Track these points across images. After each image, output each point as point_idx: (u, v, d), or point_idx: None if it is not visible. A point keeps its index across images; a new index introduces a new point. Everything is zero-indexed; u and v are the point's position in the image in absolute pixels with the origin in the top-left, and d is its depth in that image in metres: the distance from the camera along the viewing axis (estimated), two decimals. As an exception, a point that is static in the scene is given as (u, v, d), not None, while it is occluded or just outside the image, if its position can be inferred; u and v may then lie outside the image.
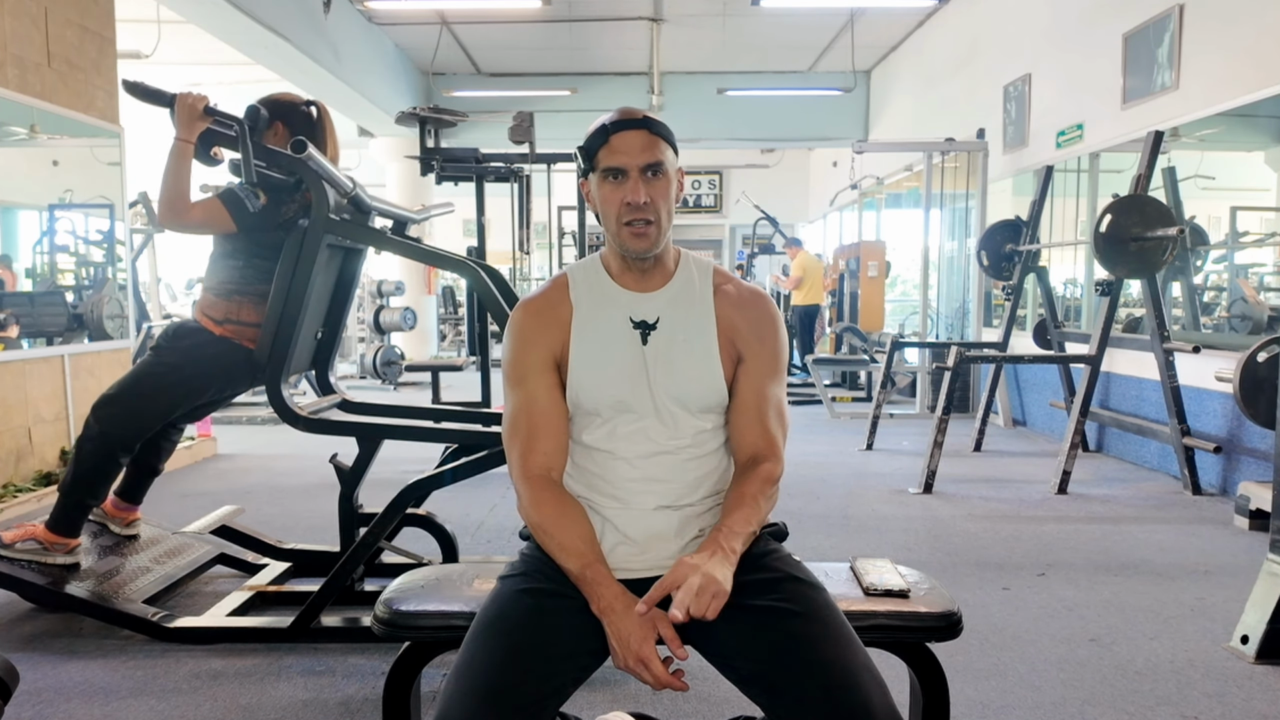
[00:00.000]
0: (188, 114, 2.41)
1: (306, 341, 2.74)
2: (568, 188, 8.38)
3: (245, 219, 2.52)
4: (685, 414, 1.44)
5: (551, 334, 1.46)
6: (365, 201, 2.67)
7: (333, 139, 2.70)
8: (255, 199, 2.52)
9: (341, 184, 2.53)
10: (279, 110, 2.64)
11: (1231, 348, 4.32)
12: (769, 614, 1.30)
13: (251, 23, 6.33)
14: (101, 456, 2.59)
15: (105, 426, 2.57)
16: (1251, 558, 3.34)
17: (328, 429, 2.62)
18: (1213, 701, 2.26)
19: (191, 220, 2.48)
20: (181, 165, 2.43)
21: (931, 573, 1.75)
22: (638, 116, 1.41)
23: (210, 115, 2.43)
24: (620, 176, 1.39)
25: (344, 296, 2.92)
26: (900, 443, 6.05)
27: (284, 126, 2.61)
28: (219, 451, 5.74)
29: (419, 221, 3.03)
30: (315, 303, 2.70)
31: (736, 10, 8.79)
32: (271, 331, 2.50)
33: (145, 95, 2.45)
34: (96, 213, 5.18)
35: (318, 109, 2.70)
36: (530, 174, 5.78)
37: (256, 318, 2.56)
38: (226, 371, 2.61)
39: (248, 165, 2.40)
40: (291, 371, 2.63)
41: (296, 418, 2.55)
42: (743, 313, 1.48)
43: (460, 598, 1.51)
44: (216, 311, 2.58)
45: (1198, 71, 4.72)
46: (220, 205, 2.50)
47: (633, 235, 1.41)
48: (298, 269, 2.48)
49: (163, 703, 2.24)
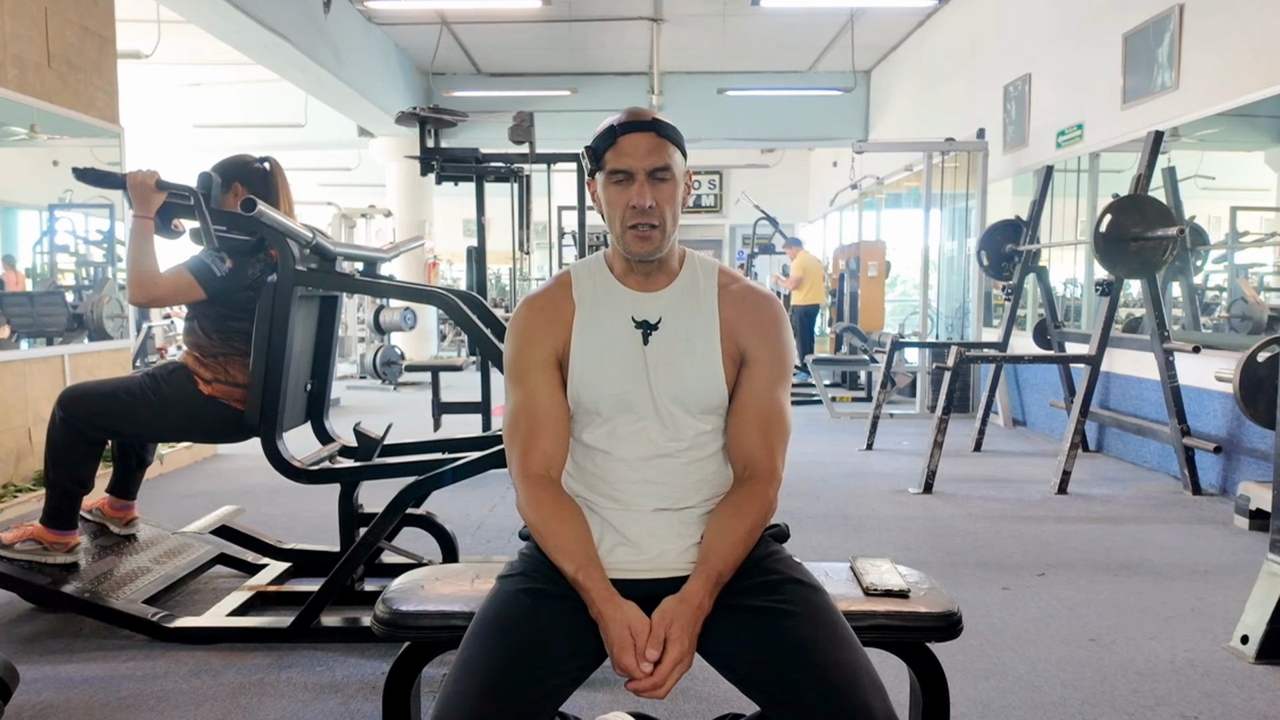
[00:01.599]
0: (141, 191, 2.43)
1: (297, 395, 2.77)
2: (568, 188, 8.38)
3: (213, 284, 2.54)
4: (685, 415, 1.43)
5: (554, 332, 1.46)
6: (328, 249, 2.69)
7: (286, 192, 2.72)
8: (221, 263, 2.55)
9: (300, 235, 2.56)
10: (233, 172, 2.65)
11: (1231, 348, 4.32)
12: (768, 615, 1.30)
13: (251, 23, 6.33)
14: (71, 439, 2.59)
15: (69, 418, 2.57)
16: (1251, 558, 3.34)
17: (331, 478, 2.68)
18: (1213, 701, 2.26)
19: (161, 294, 2.52)
20: (144, 242, 2.46)
21: (931, 573, 1.75)
22: (646, 119, 1.40)
23: (164, 189, 2.45)
24: (626, 179, 1.39)
25: (327, 344, 2.95)
26: (900, 443, 6.05)
27: (241, 186, 2.62)
28: (219, 451, 5.74)
29: (388, 259, 3.05)
30: (299, 355, 2.74)
31: (736, 10, 8.79)
32: (259, 390, 2.53)
33: (96, 180, 2.51)
34: (96, 213, 5.19)
35: (271, 164, 2.72)
36: (530, 174, 5.78)
37: (243, 377, 2.59)
38: (211, 430, 2.65)
39: (207, 232, 2.42)
40: (285, 426, 2.64)
41: (297, 472, 2.59)
42: (747, 314, 1.47)
43: (460, 598, 1.51)
44: (205, 371, 2.60)
45: (1198, 71, 4.72)
46: (188, 275, 2.51)
47: (637, 239, 1.40)
48: (274, 324, 2.51)
49: (163, 703, 2.24)
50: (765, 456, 1.42)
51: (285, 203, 2.69)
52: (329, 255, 2.71)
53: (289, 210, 2.68)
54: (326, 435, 2.99)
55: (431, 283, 11.69)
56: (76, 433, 2.58)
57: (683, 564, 1.40)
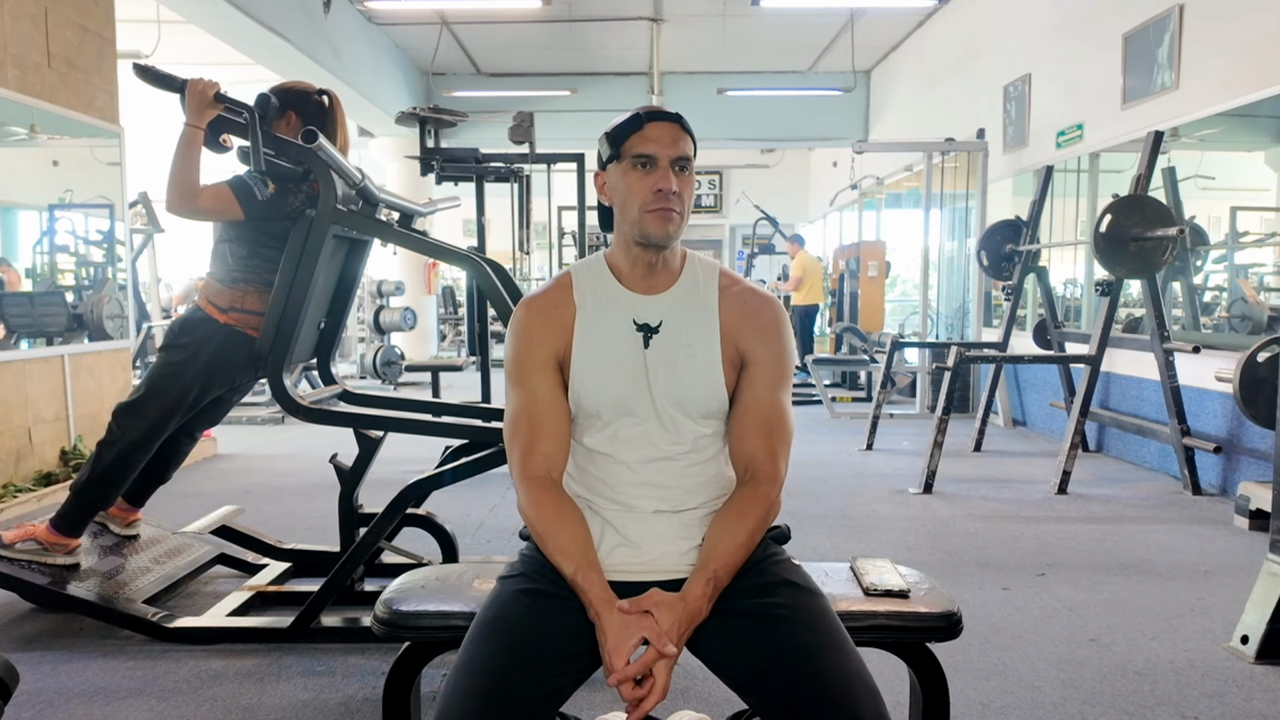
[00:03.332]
0: (198, 100, 2.40)
1: (309, 332, 2.74)
2: (568, 188, 8.37)
3: (253, 207, 2.51)
4: (685, 419, 1.43)
5: (554, 333, 1.45)
6: (373, 194, 2.65)
7: (343, 129, 2.69)
8: (264, 187, 2.51)
9: (350, 175, 2.52)
10: (290, 99, 2.63)
11: (1231, 348, 4.32)
12: (764, 620, 1.30)
13: (251, 23, 6.33)
14: (119, 462, 2.59)
15: (126, 433, 2.58)
16: (1251, 558, 3.34)
17: (328, 419, 2.60)
18: (1213, 701, 2.26)
19: (200, 206, 2.47)
20: (190, 151, 2.42)
21: (931, 573, 1.75)
22: (671, 112, 1.43)
23: (221, 102, 2.42)
24: (650, 165, 1.40)
25: (348, 289, 2.92)
26: (900, 443, 6.05)
27: (296, 115, 2.60)
28: (219, 451, 5.74)
29: (425, 215, 3.03)
30: (319, 294, 2.70)
31: (736, 10, 8.79)
32: (275, 321, 2.49)
33: (156, 80, 2.44)
34: (96, 213, 5.19)
35: (329, 98, 2.69)
36: (530, 174, 5.78)
37: (261, 306, 2.55)
38: (232, 360, 2.60)
39: (256, 154, 2.39)
40: (294, 362, 2.63)
41: (298, 407, 2.54)
42: (748, 317, 1.46)
43: (460, 598, 1.51)
44: (221, 299, 2.58)
45: (1198, 71, 4.72)
46: (229, 192, 2.49)
47: (656, 219, 1.39)
48: (303, 259, 2.46)
49: (163, 703, 2.24)
50: (767, 459, 1.42)
51: (341, 139, 2.65)
52: (373, 200, 2.67)
53: (344, 147, 2.64)
54: (330, 377, 2.97)
55: (431, 282, 11.70)
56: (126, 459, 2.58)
57: (682, 566, 1.39)
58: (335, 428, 2.65)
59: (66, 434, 4.73)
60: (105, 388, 5.05)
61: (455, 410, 3.00)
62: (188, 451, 2.96)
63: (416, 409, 2.99)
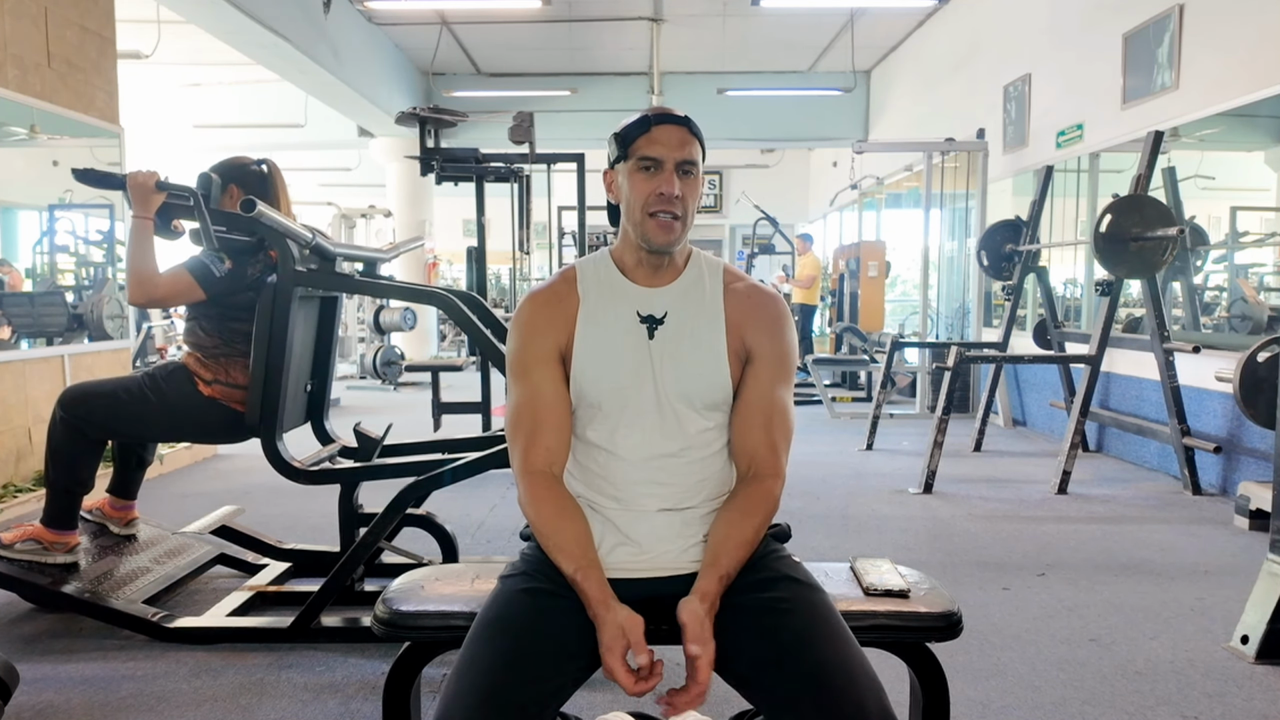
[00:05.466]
0: (141, 191, 2.43)
1: (296, 396, 2.77)
2: (568, 188, 8.37)
3: (212, 285, 2.54)
4: (689, 411, 1.43)
5: (557, 326, 1.45)
6: (328, 249, 2.69)
7: (284, 194, 2.73)
8: (220, 264, 2.55)
9: (300, 235, 2.56)
10: (231, 174, 2.66)
11: (1231, 348, 4.32)
12: (766, 615, 1.30)
13: (251, 23, 6.33)
14: (71, 439, 2.59)
15: (70, 418, 2.58)
16: (1251, 558, 3.34)
17: (331, 479, 2.68)
18: (1213, 701, 2.26)
19: (160, 295, 2.52)
20: (144, 243, 2.46)
21: (931, 573, 1.75)
22: (680, 114, 1.44)
23: (163, 190, 2.45)
24: (655, 167, 1.40)
25: (327, 348, 2.95)
26: (900, 443, 6.05)
27: (238, 189, 2.63)
28: (219, 451, 5.74)
29: (388, 259, 3.06)
30: (299, 355, 2.74)
31: (736, 10, 8.79)
32: (259, 391, 2.53)
33: (96, 181, 2.52)
34: (96, 213, 5.18)
35: (268, 166, 2.73)
36: (530, 174, 5.78)
37: (244, 379, 2.59)
38: (211, 431, 2.66)
39: (207, 232, 2.42)
40: (285, 427, 2.65)
41: (297, 472, 2.59)
42: (752, 312, 1.47)
43: (460, 598, 1.51)
44: (205, 372, 2.60)
45: (1198, 71, 4.72)
46: (187, 275, 2.52)
47: (658, 227, 1.40)
48: (274, 325, 2.50)
49: (163, 703, 2.24)
50: (769, 454, 1.42)
51: (284, 204, 2.70)
52: (329, 255, 2.71)
53: (288, 211, 2.68)
54: (326, 436, 2.99)
55: (432, 283, 11.69)
56: (77, 432, 2.59)
57: (683, 563, 1.40)
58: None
59: (66, 434, 4.73)
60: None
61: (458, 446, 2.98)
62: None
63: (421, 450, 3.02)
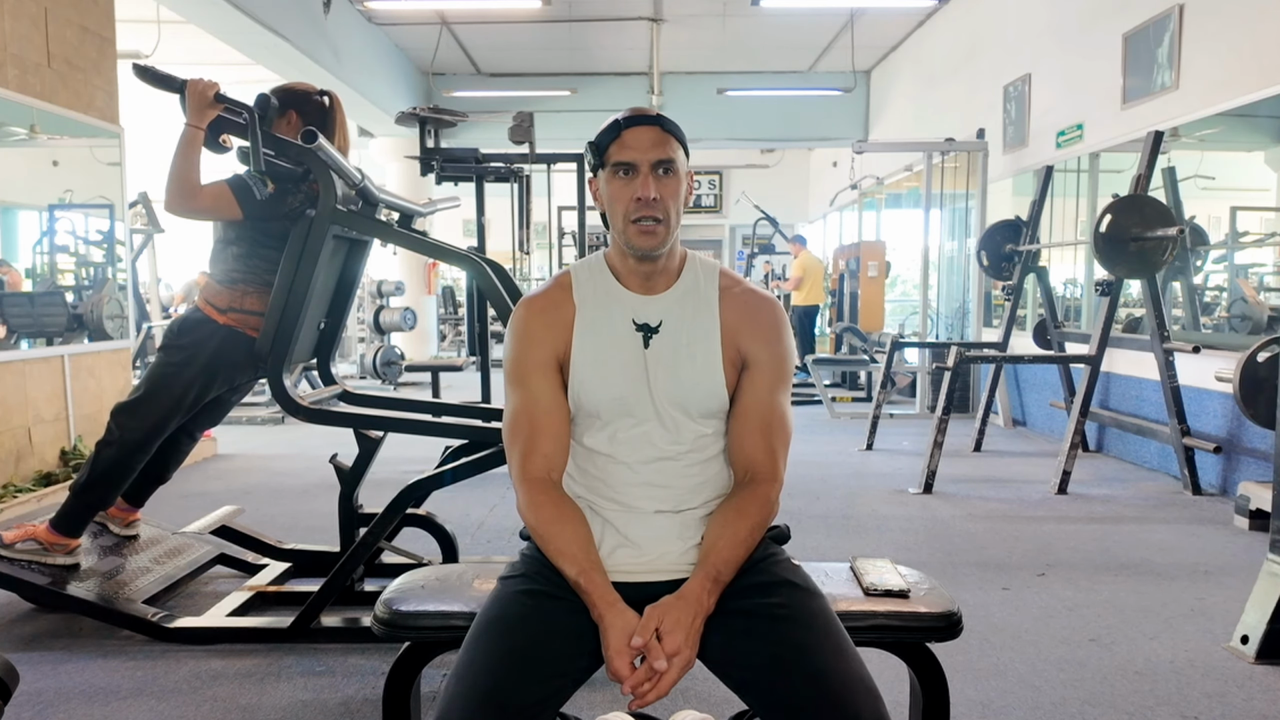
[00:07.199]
0: (198, 100, 2.40)
1: (309, 332, 2.73)
2: (568, 188, 8.39)
3: (252, 207, 2.50)
4: (686, 419, 1.43)
5: (554, 333, 1.45)
6: (373, 194, 2.65)
7: (343, 130, 2.69)
8: (263, 187, 2.51)
9: (350, 175, 2.52)
10: (291, 99, 2.63)
11: (1231, 348, 4.32)
12: (763, 620, 1.30)
13: (251, 23, 6.33)
14: (119, 462, 2.59)
15: (125, 433, 2.57)
16: (1251, 558, 3.34)
17: (328, 419, 2.59)
18: (1213, 701, 2.26)
19: (198, 205, 2.47)
20: (190, 151, 2.42)
21: (931, 573, 1.75)
22: (651, 114, 1.41)
23: (220, 102, 2.42)
24: (630, 172, 1.38)
25: (347, 289, 2.92)
26: (900, 443, 6.05)
27: (297, 115, 2.60)
28: (219, 451, 5.74)
29: (425, 215, 3.03)
30: (319, 294, 2.69)
31: (736, 10, 8.79)
32: (274, 322, 2.48)
33: (156, 80, 2.43)
34: (96, 213, 5.19)
35: (330, 99, 2.69)
36: (530, 174, 5.78)
37: (260, 306, 2.55)
38: (230, 360, 2.60)
39: (256, 153, 2.38)
40: (294, 362, 2.62)
41: (298, 407, 2.53)
42: (748, 318, 1.46)
43: (460, 598, 1.51)
44: (220, 300, 2.57)
45: (1198, 71, 4.72)
46: (228, 191, 2.48)
47: (640, 232, 1.38)
48: (303, 260, 2.46)
49: (163, 703, 2.24)
50: (767, 460, 1.42)
51: (341, 140, 2.65)
52: (373, 200, 2.67)
53: (344, 148, 2.63)
54: (330, 377, 2.97)
55: (431, 282, 11.70)
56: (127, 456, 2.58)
57: (683, 565, 1.39)
58: (335, 428, 2.65)
59: (66, 434, 4.73)
60: (105, 388, 5.05)
61: (455, 410, 3.00)
62: (188, 451, 2.96)
63: (416, 409, 2.99)
